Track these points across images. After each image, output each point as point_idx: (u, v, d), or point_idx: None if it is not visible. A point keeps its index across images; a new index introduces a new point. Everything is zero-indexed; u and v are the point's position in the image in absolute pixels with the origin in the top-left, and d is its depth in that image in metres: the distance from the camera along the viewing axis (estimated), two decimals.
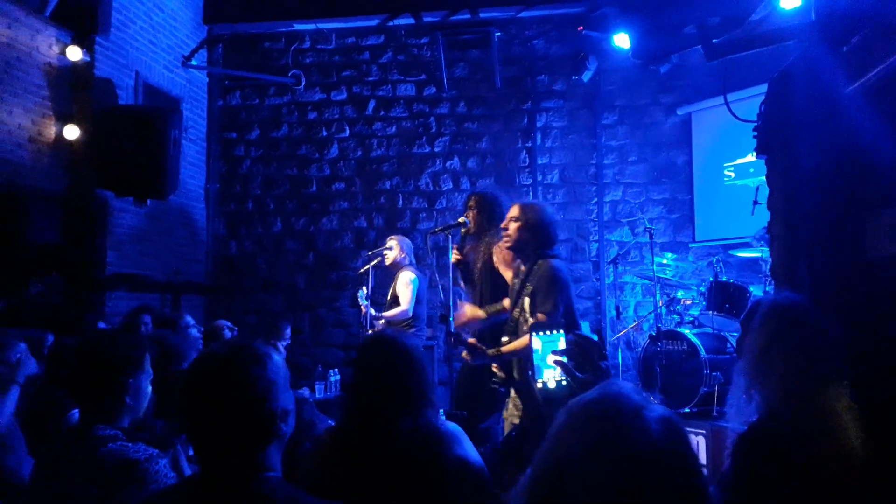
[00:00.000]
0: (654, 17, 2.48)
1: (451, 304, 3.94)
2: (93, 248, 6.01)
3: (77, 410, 3.33)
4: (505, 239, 3.60)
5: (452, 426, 2.16)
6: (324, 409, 4.55)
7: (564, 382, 1.50)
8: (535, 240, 3.48)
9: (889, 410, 2.01)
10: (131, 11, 6.61)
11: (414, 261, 5.92)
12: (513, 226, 3.52)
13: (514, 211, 3.58)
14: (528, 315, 3.39)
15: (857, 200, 2.46)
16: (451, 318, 3.75)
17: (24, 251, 5.64)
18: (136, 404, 2.20)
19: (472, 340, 3.58)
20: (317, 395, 5.70)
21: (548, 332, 1.57)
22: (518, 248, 3.56)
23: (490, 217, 4.15)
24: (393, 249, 5.77)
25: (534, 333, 1.58)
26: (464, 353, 3.61)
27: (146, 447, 2.01)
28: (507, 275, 3.91)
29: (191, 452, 2.46)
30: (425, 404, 2.10)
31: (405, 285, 5.63)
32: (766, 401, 1.89)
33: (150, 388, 2.28)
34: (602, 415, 1.01)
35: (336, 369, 6.32)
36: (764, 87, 3.10)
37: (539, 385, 1.54)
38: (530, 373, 1.58)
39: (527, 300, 3.41)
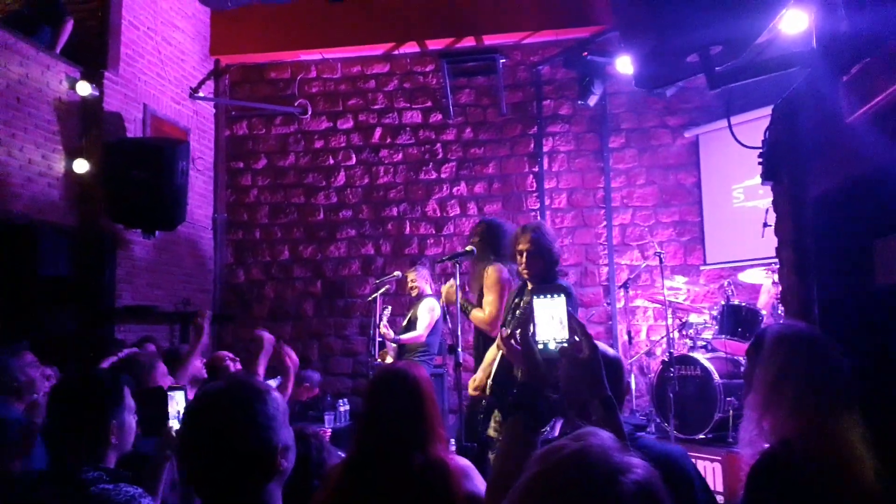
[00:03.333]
0: (655, 44, 2.48)
1: (458, 332, 3.92)
2: (102, 280, 6.03)
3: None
4: (523, 272, 3.69)
5: (463, 461, 2.13)
6: (334, 440, 4.52)
7: (566, 344, 1.54)
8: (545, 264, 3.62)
9: None
10: (140, 46, 6.70)
11: (433, 290, 5.99)
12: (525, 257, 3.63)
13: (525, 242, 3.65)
14: None
15: (867, 227, 2.44)
16: (458, 349, 3.74)
17: (35, 285, 5.67)
18: (122, 441, 2.17)
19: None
20: (326, 426, 5.67)
21: (549, 296, 1.59)
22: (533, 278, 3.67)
23: (492, 246, 4.20)
24: (415, 281, 5.96)
25: (535, 297, 1.61)
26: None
27: (128, 487, 1.97)
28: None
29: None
30: (436, 439, 2.08)
31: (427, 310, 5.74)
32: (778, 431, 1.86)
33: (133, 422, 2.24)
34: (576, 475, 0.92)
35: (345, 399, 6.29)
36: (769, 109, 3.09)
37: (540, 346, 1.56)
38: (532, 334, 1.60)
39: None
